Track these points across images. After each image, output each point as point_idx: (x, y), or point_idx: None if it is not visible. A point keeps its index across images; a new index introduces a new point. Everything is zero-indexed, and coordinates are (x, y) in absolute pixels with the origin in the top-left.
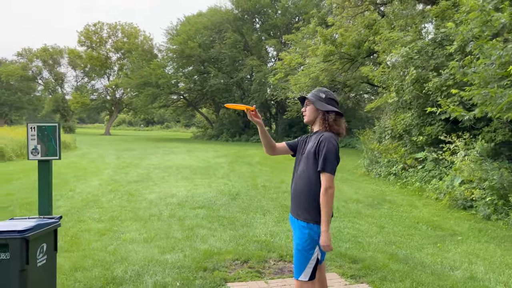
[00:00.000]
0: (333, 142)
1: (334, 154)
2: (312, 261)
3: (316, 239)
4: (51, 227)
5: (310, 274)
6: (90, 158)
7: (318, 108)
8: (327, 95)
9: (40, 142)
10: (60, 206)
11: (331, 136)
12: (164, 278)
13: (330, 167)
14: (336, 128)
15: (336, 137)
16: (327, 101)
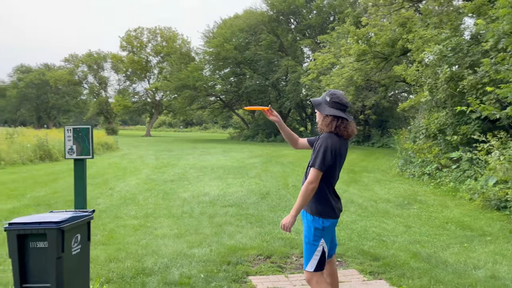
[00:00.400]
0: (327, 141)
1: (324, 152)
2: (317, 252)
3: (320, 232)
4: (84, 219)
5: (316, 265)
6: (130, 159)
7: (320, 112)
8: (332, 98)
9: (75, 143)
10: (100, 204)
11: (328, 136)
12: (190, 270)
13: (318, 163)
14: (341, 130)
15: (334, 137)
16: (331, 104)
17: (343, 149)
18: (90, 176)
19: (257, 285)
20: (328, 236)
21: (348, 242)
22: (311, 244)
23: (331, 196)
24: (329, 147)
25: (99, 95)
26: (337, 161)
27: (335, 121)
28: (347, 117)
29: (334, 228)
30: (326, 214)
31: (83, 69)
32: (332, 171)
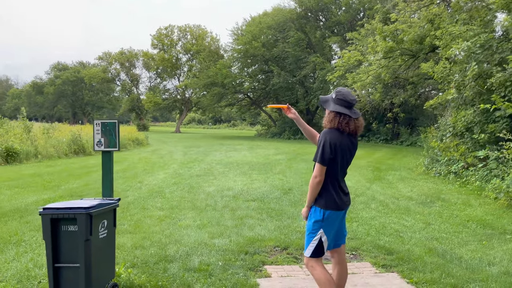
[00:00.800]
0: (325, 136)
1: (323, 147)
2: (314, 240)
3: (319, 223)
4: (111, 206)
5: (312, 252)
6: (159, 154)
7: (326, 108)
8: (337, 95)
9: (103, 136)
10: (129, 196)
11: (327, 132)
12: (209, 258)
13: (319, 158)
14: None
15: (335, 132)
16: (336, 101)
17: (345, 144)
18: (121, 170)
19: (271, 273)
20: (330, 227)
21: (365, 237)
22: (310, 232)
23: (335, 189)
24: (327, 141)
25: (131, 92)
26: (337, 155)
27: (338, 117)
28: (350, 113)
29: (339, 219)
30: (327, 206)
31: (116, 67)
32: (334, 165)
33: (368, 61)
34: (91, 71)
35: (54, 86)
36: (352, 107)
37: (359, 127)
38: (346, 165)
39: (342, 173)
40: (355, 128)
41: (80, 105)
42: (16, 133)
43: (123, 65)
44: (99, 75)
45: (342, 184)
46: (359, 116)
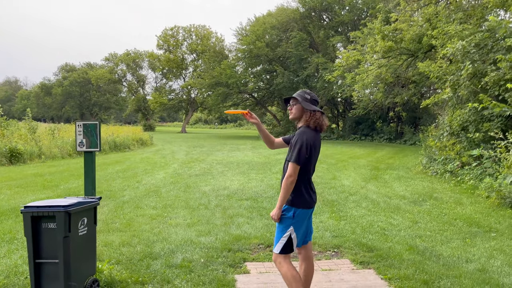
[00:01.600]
0: (303, 136)
1: (300, 147)
2: (284, 237)
3: (289, 220)
4: (91, 204)
5: (281, 248)
6: (162, 154)
7: (304, 107)
8: (312, 97)
9: (85, 137)
10: (125, 195)
11: (303, 132)
12: (193, 255)
13: (294, 157)
14: (320, 124)
15: (310, 131)
16: (311, 101)
17: (317, 143)
18: (121, 170)
19: (250, 270)
20: (299, 224)
21: (350, 235)
22: (280, 229)
23: (306, 188)
24: (305, 142)
25: (137, 92)
26: (312, 154)
27: (315, 116)
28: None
29: (307, 217)
30: (298, 204)
31: (122, 68)
32: (307, 165)
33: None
34: (98, 72)
35: (62, 87)
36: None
37: (327, 123)
38: (315, 163)
39: (313, 171)
40: (326, 125)
41: (87, 106)
42: (21, 134)
43: (129, 66)
44: (106, 76)
45: (311, 183)
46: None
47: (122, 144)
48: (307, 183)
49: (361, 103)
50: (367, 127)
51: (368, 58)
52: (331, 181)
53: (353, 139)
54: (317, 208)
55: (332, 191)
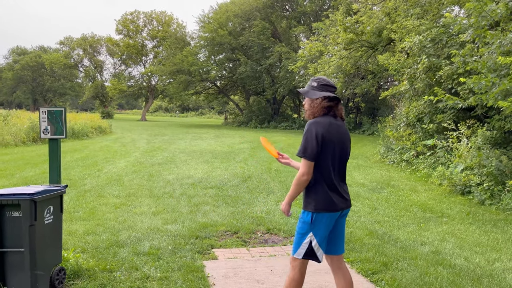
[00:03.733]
0: (311, 127)
1: (307, 139)
2: (304, 244)
3: (306, 226)
4: (57, 192)
5: (303, 254)
6: (122, 142)
7: (310, 97)
8: (319, 82)
9: (50, 124)
10: (86, 184)
11: (313, 122)
12: (160, 243)
13: (302, 152)
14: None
15: (322, 121)
16: (319, 87)
17: (335, 133)
18: (81, 158)
19: (218, 256)
20: (321, 230)
21: None
22: (299, 236)
23: (328, 187)
24: (314, 133)
25: (95, 78)
26: (328, 147)
27: (326, 101)
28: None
29: (333, 222)
30: (318, 207)
31: (79, 53)
32: (325, 160)
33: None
34: (52, 56)
35: (12, 71)
36: (334, 93)
37: (342, 112)
38: (342, 158)
39: (338, 169)
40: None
41: (40, 92)
42: None
43: (86, 51)
44: (61, 61)
45: (338, 182)
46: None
47: (80, 131)
48: (329, 182)
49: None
50: None
51: (330, 50)
52: (294, 170)
53: None
54: (281, 196)
55: None
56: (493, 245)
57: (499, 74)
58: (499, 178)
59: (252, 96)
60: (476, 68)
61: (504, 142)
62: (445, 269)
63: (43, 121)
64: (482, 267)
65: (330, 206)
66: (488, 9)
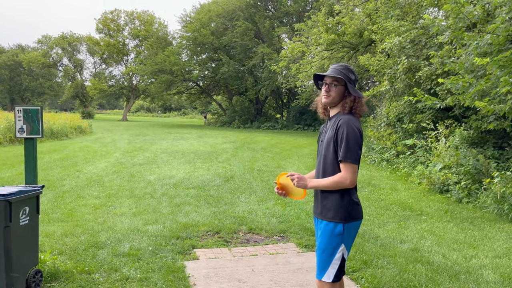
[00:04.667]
0: (353, 126)
1: (356, 140)
2: (335, 260)
3: (338, 238)
4: (33, 193)
5: (334, 275)
6: (102, 143)
7: (350, 92)
8: (356, 77)
9: (25, 123)
10: (65, 185)
11: (351, 119)
12: (140, 244)
13: (350, 154)
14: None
15: (357, 120)
16: (355, 82)
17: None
18: (60, 159)
19: (200, 256)
20: (350, 240)
21: (295, 220)
22: (328, 251)
23: (354, 193)
24: (358, 133)
25: (75, 78)
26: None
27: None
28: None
29: (357, 231)
30: (349, 216)
31: (58, 51)
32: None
33: (312, 52)
34: (30, 55)
35: None
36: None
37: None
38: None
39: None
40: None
41: (18, 91)
42: None
43: (65, 50)
44: (39, 60)
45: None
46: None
47: (59, 132)
48: (356, 187)
49: (304, 94)
50: (310, 117)
51: (312, 50)
52: (276, 169)
53: (297, 128)
54: (263, 196)
55: None
56: (470, 242)
57: (476, 75)
58: (476, 177)
59: (235, 96)
60: (454, 69)
61: (481, 141)
62: (424, 266)
63: (19, 120)
64: (459, 263)
65: (360, 213)
66: (465, 11)
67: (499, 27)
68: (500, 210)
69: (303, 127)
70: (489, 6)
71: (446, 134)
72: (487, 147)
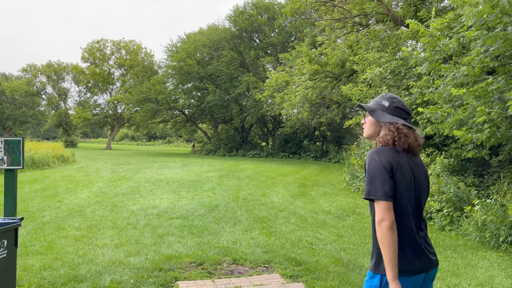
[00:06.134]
0: (375, 158)
1: (377, 173)
2: None
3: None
4: (11, 226)
5: None
6: (85, 172)
7: (378, 119)
8: (393, 103)
9: (6, 154)
10: (45, 216)
11: (374, 152)
12: (122, 276)
13: (377, 192)
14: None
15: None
16: (392, 110)
17: (405, 165)
18: (40, 189)
19: None
20: None
21: (279, 250)
22: None
23: (404, 238)
24: (378, 165)
25: (58, 106)
26: (401, 182)
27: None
28: (411, 125)
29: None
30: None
31: (42, 80)
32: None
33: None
34: (14, 84)
35: None
36: (407, 119)
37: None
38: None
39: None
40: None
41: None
42: None
43: (50, 78)
44: (23, 88)
45: (416, 230)
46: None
47: (41, 161)
48: (406, 231)
49: (289, 122)
50: (295, 145)
51: (296, 80)
52: (261, 198)
53: (282, 156)
54: (248, 225)
55: (263, 208)
56: (453, 270)
57: (453, 105)
58: (458, 204)
59: (220, 124)
60: (433, 98)
61: (461, 169)
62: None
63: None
64: None
65: (410, 265)
66: (441, 44)
67: (474, 59)
68: (482, 238)
69: (288, 155)
70: (464, 39)
71: (427, 162)
72: (467, 175)
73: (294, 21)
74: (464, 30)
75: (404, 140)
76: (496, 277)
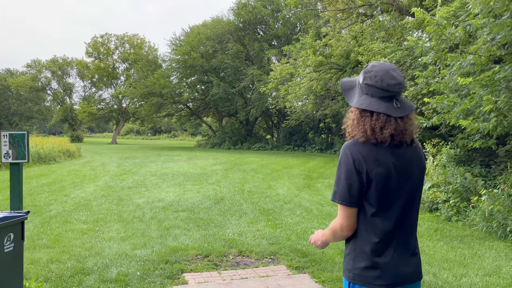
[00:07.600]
0: (347, 153)
1: (345, 173)
2: None
3: None
4: (18, 219)
5: None
6: (91, 166)
7: (348, 101)
8: (365, 79)
9: (11, 148)
10: (52, 210)
11: (347, 146)
12: (128, 269)
13: (342, 195)
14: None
15: (361, 145)
16: (365, 89)
17: (384, 160)
18: (47, 184)
19: (188, 281)
20: None
21: (285, 241)
22: None
23: (375, 248)
24: (351, 162)
25: (64, 102)
26: (372, 183)
27: (367, 119)
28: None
29: None
30: (363, 278)
31: (47, 75)
32: (370, 203)
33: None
34: (19, 80)
35: None
36: (393, 97)
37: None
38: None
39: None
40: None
41: (6, 115)
42: None
43: (55, 74)
44: (28, 84)
45: (401, 238)
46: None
47: (47, 156)
48: (381, 240)
49: (293, 114)
50: (300, 137)
51: (300, 72)
52: (266, 190)
53: (287, 149)
54: (253, 217)
55: (268, 200)
56: (460, 260)
57: (460, 94)
58: (464, 195)
59: (225, 118)
60: (439, 88)
61: (468, 159)
62: None
63: (4, 145)
64: (449, 282)
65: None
66: (447, 33)
67: (480, 47)
68: (489, 228)
69: (293, 148)
70: (470, 27)
71: (433, 153)
72: (474, 165)
73: (299, 12)
74: (471, 18)
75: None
76: (503, 267)
